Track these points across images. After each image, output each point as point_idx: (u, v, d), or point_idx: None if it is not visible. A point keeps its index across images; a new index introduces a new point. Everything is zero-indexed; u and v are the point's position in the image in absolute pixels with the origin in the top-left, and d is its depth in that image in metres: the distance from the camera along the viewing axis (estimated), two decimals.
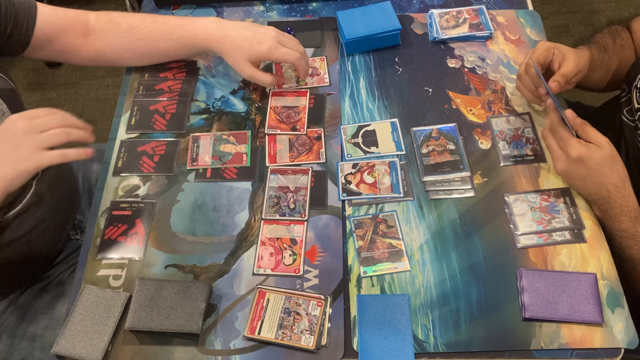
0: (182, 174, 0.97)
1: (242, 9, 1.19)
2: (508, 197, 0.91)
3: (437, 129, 0.99)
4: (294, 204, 0.92)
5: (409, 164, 0.96)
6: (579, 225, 0.88)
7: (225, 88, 1.07)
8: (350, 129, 1.01)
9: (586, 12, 2.24)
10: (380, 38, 1.09)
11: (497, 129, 0.99)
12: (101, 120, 2.04)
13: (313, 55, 1.11)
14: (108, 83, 2.11)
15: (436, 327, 0.81)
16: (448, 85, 1.05)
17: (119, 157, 0.99)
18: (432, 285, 0.84)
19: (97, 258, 0.88)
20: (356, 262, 0.87)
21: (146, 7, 1.21)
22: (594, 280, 0.82)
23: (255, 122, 1.02)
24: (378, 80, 1.07)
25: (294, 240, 0.89)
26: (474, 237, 0.88)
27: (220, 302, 0.84)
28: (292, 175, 0.95)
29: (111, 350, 0.80)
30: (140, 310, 0.80)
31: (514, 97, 1.03)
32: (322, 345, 0.79)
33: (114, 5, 2.32)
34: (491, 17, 1.13)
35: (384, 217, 0.90)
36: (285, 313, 0.81)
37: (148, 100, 1.05)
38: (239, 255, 0.88)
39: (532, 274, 0.83)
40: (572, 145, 0.84)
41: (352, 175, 0.95)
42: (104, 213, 0.93)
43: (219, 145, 0.99)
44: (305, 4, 1.19)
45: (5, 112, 0.88)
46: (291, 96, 1.05)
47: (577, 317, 0.79)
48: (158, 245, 0.90)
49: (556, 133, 0.88)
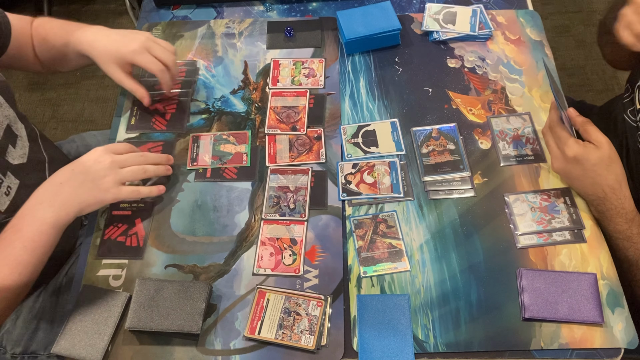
0: (182, 174, 0.97)
1: (242, 8, 1.19)
2: (508, 197, 0.91)
3: (437, 129, 0.99)
4: (294, 204, 0.92)
5: (409, 164, 0.96)
6: (579, 225, 0.88)
7: (225, 88, 1.07)
8: (350, 129, 1.00)
9: (586, 12, 2.24)
10: (380, 38, 1.09)
11: (497, 129, 0.99)
12: (101, 120, 2.04)
13: (313, 56, 1.11)
14: (108, 83, 2.11)
15: (436, 327, 0.81)
16: (448, 85, 1.05)
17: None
18: (432, 285, 0.84)
19: (97, 258, 0.88)
20: (356, 262, 0.87)
21: (146, 7, 1.21)
22: (594, 280, 0.82)
23: (255, 122, 1.02)
24: (378, 80, 1.07)
25: (294, 240, 0.89)
26: (474, 237, 0.88)
27: (220, 302, 0.84)
28: (292, 175, 0.95)
29: (111, 350, 0.80)
30: (140, 310, 0.80)
31: (514, 97, 1.03)
32: (322, 345, 0.79)
33: (114, 5, 2.33)
34: (491, 17, 1.13)
35: (384, 217, 0.90)
36: (285, 313, 0.81)
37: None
38: (239, 255, 0.88)
39: (532, 274, 0.83)
40: (569, 145, 0.84)
41: (352, 175, 0.95)
42: (104, 213, 0.93)
43: (219, 145, 0.99)
44: (305, 4, 1.19)
45: (2, 103, 0.89)
46: (291, 96, 1.05)
47: (577, 317, 0.79)
48: (158, 245, 0.90)
49: (555, 132, 0.88)
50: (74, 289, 0.86)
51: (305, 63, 1.10)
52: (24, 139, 0.94)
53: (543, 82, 1.05)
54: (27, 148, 0.94)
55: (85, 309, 0.81)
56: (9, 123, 0.90)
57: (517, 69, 1.07)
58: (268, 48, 1.12)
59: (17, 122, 0.93)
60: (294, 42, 1.13)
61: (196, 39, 1.14)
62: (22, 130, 0.94)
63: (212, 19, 1.18)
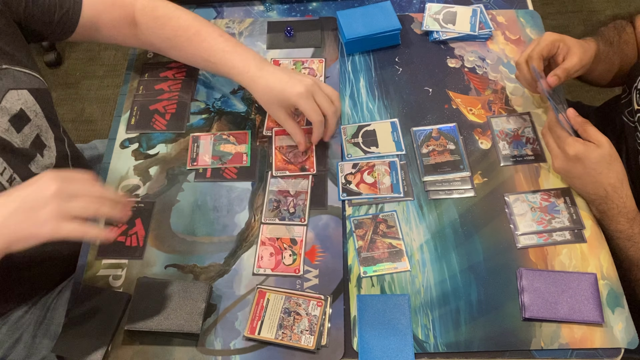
0: (182, 174, 0.97)
1: (242, 8, 1.19)
2: (508, 197, 0.91)
3: (437, 129, 0.99)
4: (294, 208, 0.92)
5: (409, 164, 0.96)
6: (579, 225, 0.88)
7: (225, 88, 1.07)
8: (350, 128, 1.00)
9: (586, 12, 2.24)
10: (380, 38, 1.09)
11: (497, 129, 0.99)
12: (101, 120, 2.04)
13: (313, 56, 1.11)
14: (108, 83, 2.11)
15: (436, 327, 0.81)
16: (448, 85, 1.05)
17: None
18: (432, 285, 0.84)
19: (97, 258, 0.88)
20: (356, 262, 0.87)
21: None
22: (594, 280, 0.82)
23: (255, 122, 1.02)
24: (378, 80, 1.07)
25: (294, 240, 0.89)
26: (474, 237, 0.88)
27: (220, 302, 0.84)
28: (293, 179, 0.95)
29: (111, 350, 0.80)
30: (140, 310, 0.79)
31: (514, 97, 1.03)
32: (322, 345, 0.79)
33: None
34: (491, 17, 1.13)
35: (384, 217, 0.90)
36: (285, 313, 0.81)
37: (148, 100, 1.05)
38: (239, 255, 0.88)
39: (532, 274, 0.83)
40: (570, 144, 0.84)
41: (352, 175, 0.95)
42: None
43: (218, 145, 0.99)
44: (305, 3, 1.19)
45: (39, 112, 0.88)
46: None
47: (577, 317, 0.79)
48: (158, 245, 0.89)
49: (554, 131, 0.88)
50: (74, 289, 0.86)
51: (305, 63, 1.10)
52: (52, 149, 0.92)
53: None
54: (54, 158, 0.92)
55: (85, 309, 0.81)
56: (39, 133, 0.88)
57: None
58: (268, 48, 1.12)
59: (48, 132, 0.91)
60: (294, 42, 1.13)
61: None
62: (51, 141, 0.92)
63: (212, 19, 1.18)
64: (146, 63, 1.10)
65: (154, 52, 1.10)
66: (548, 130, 0.89)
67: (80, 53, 2.20)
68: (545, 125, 0.90)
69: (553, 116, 0.88)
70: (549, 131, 0.89)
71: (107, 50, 2.20)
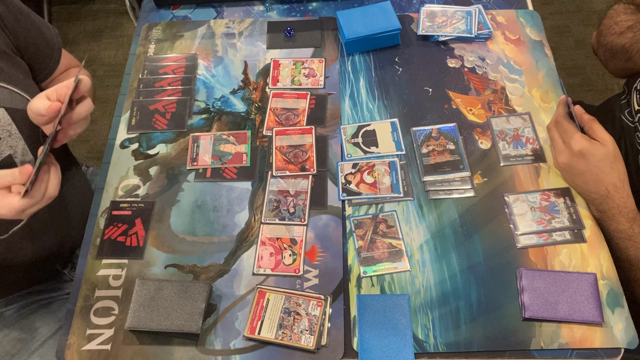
0: (182, 174, 0.97)
1: (242, 8, 1.19)
2: (508, 197, 0.91)
3: (437, 129, 0.99)
4: (293, 208, 0.92)
5: (409, 164, 0.96)
6: (579, 225, 0.88)
7: (225, 88, 1.07)
8: (350, 128, 1.00)
9: (586, 12, 2.24)
10: (380, 38, 1.09)
11: (497, 129, 0.99)
12: (101, 120, 2.04)
13: (313, 56, 1.11)
14: (108, 83, 2.11)
15: (436, 327, 0.81)
16: (448, 85, 1.05)
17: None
18: (432, 285, 0.84)
19: (97, 258, 0.88)
20: (356, 262, 0.87)
21: (146, 7, 1.21)
22: (594, 280, 0.82)
23: (255, 122, 1.02)
24: (378, 80, 1.07)
25: (294, 240, 0.89)
26: (474, 237, 0.88)
27: (220, 302, 0.84)
28: (293, 179, 0.95)
29: (111, 350, 0.80)
30: (140, 310, 0.80)
31: (514, 97, 1.03)
32: (322, 345, 0.79)
33: (114, 5, 2.33)
34: (491, 17, 1.13)
35: (384, 217, 0.90)
36: (285, 313, 0.81)
37: (148, 100, 1.05)
38: (239, 255, 0.88)
39: (532, 274, 0.83)
40: (576, 139, 0.84)
41: (352, 175, 0.95)
42: (104, 213, 0.93)
43: (218, 145, 0.99)
44: (305, 4, 1.19)
45: (13, 133, 0.83)
46: (291, 98, 1.05)
47: (577, 317, 0.79)
48: (158, 245, 0.90)
49: (561, 126, 0.88)
50: (74, 289, 0.86)
51: (305, 63, 1.10)
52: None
53: (543, 82, 1.05)
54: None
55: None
56: (12, 154, 0.83)
57: (517, 69, 1.07)
58: (268, 48, 1.12)
59: (25, 155, 0.85)
60: (294, 42, 1.13)
61: (196, 39, 1.14)
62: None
63: (212, 18, 1.18)
64: (146, 62, 1.10)
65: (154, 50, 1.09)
66: (554, 125, 0.89)
67: (80, 53, 2.20)
68: (553, 119, 0.90)
69: (561, 111, 0.88)
70: (555, 126, 0.89)
71: (107, 50, 2.20)
